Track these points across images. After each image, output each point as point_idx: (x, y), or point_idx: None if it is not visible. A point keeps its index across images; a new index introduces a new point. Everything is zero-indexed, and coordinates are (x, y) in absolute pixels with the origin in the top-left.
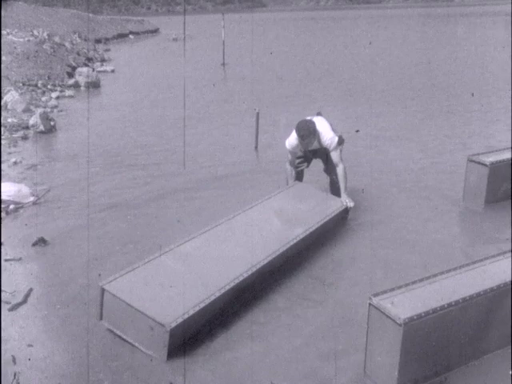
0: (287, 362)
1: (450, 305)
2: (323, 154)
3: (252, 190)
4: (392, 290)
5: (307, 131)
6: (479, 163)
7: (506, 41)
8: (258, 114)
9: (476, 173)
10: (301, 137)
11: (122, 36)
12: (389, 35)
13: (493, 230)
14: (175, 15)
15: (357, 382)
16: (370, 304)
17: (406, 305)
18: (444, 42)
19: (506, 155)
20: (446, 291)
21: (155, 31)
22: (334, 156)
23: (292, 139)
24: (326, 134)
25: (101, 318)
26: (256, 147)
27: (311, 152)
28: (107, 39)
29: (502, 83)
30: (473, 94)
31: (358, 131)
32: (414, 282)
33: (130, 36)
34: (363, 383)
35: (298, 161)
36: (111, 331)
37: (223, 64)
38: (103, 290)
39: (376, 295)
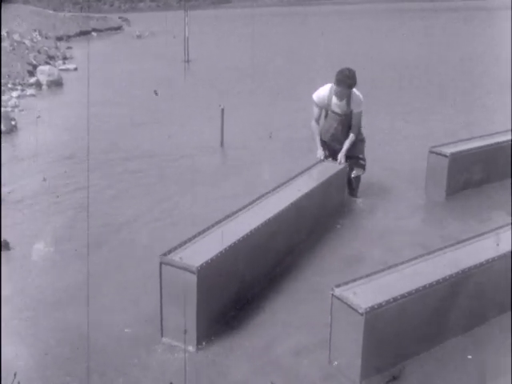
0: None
1: (410, 293)
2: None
3: (216, 188)
4: (354, 280)
5: (355, 78)
6: (440, 154)
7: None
8: (222, 110)
9: (437, 164)
10: (349, 84)
11: (84, 33)
12: (351, 28)
13: (453, 219)
14: (139, 12)
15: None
16: (332, 295)
17: (367, 295)
18: (407, 36)
19: (467, 146)
20: (407, 280)
21: (119, 28)
22: (357, 117)
23: (322, 91)
24: (357, 92)
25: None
26: (221, 144)
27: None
28: (69, 37)
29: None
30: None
31: None
32: (375, 272)
33: (93, 33)
34: (328, 373)
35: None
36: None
37: (187, 61)
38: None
39: (338, 286)
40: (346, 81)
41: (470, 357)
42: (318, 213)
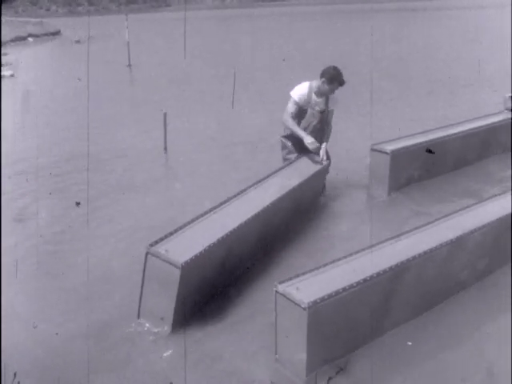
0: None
1: (351, 286)
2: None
3: (159, 195)
4: (297, 276)
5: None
6: (381, 151)
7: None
8: (165, 115)
9: (379, 161)
10: (341, 81)
11: (20, 39)
12: (295, 31)
13: (394, 215)
14: (77, 16)
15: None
16: (276, 291)
17: (310, 289)
18: (349, 35)
19: (408, 142)
20: (349, 274)
21: (56, 33)
22: (331, 114)
23: (302, 89)
24: None
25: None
26: (165, 149)
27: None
28: (4, 42)
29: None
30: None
31: None
32: (318, 268)
33: (29, 39)
34: (274, 368)
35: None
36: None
37: (129, 65)
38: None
39: (281, 282)
40: (339, 78)
41: (409, 343)
42: (297, 208)
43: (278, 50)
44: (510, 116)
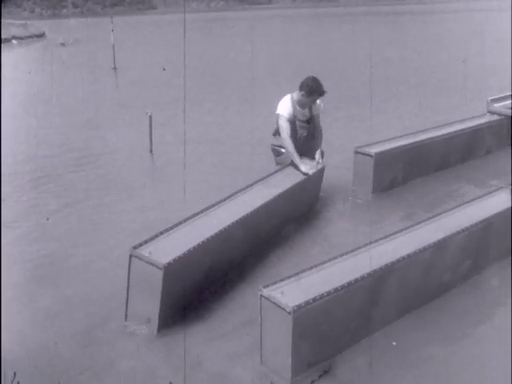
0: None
1: (336, 290)
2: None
3: (147, 195)
4: (282, 280)
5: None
6: (365, 154)
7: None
8: (150, 117)
9: (363, 163)
10: (321, 92)
11: (3, 41)
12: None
13: (377, 217)
14: (61, 18)
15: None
16: (260, 295)
17: (295, 293)
18: (331, 38)
19: (391, 145)
20: (333, 277)
21: (41, 35)
22: (318, 119)
23: (286, 104)
24: None
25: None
26: (151, 151)
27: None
28: None
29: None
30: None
31: None
32: (302, 271)
33: (13, 41)
34: (260, 372)
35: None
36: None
37: (114, 68)
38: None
39: (266, 286)
40: (319, 90)
41: (394, 343)
42: (292, 212)
43: (260, 54)
44: (492, 119)
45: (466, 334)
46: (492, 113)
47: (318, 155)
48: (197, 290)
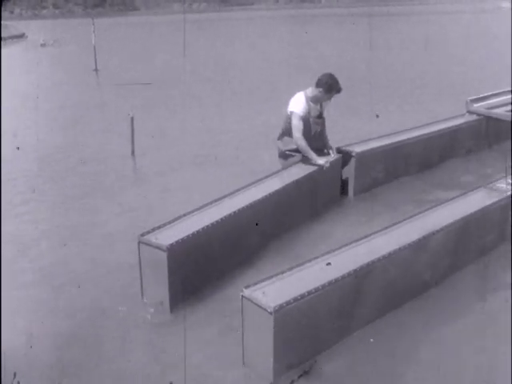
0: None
1: (317, 289)
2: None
3: (129, 196)
4: (263, 280)
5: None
6: (346, 153)
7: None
8: (132, 119)
9: (345, 162)
10: (338, 89)
11: None
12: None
13: (359, 216)
14: (42, 19)
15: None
16: (242, 296)
17: (276, 293)
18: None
19: (373, 144)
20: (315, 276)
21: (21, 36)
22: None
23: (301, 102)
24: None
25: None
26: (132, 152)
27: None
28: None
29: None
30: None
31: None
32: (283, 272)
33: None
34: (242, 373)
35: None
36: None
37: (95, 70)
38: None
39: (248, 287)
40: (337, 87)
41: (371, 340)
42: (310, 204)
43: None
44: (471, 119)
45: (445, 333)
46: (471, 113)
47: (331, 149)
48: (203, 273)
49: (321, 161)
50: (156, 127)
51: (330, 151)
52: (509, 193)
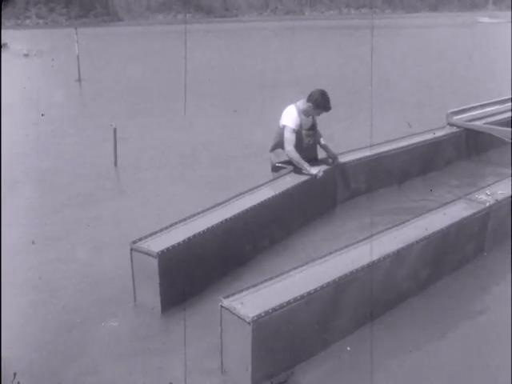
0: None
1: (295, 299)
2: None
3: (112, 209)
4: (241, 291)
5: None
6: (328, 164)
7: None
8: (115, 129)
9: (326, 173)
10: (327, 108)
11: None
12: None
13: (339, 227)
14: (25, 29)
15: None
16: (221, 306)
17: (255, 304)
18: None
19: (354, 156)
20: (294, 287)
21: (3, 46)
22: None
23: (293, 115)
24: None
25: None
26: (115, 163)
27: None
28: None
29: None
30: None
31: None
32: (262, 282)
33: None
34: (221, 382)
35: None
36: None
37: (79, 80)
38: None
39: (226, 297)
40: (326, 105)
41: (348, 348)
42: (303, 212)
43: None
44: (451, 131)
45: (426, 342)
46: (452, 125)
47: (335, 158)
48: (193, 280)
49: (314, 170)
50: (139, 137)
51: (335, 160)
52: (487, 204)
